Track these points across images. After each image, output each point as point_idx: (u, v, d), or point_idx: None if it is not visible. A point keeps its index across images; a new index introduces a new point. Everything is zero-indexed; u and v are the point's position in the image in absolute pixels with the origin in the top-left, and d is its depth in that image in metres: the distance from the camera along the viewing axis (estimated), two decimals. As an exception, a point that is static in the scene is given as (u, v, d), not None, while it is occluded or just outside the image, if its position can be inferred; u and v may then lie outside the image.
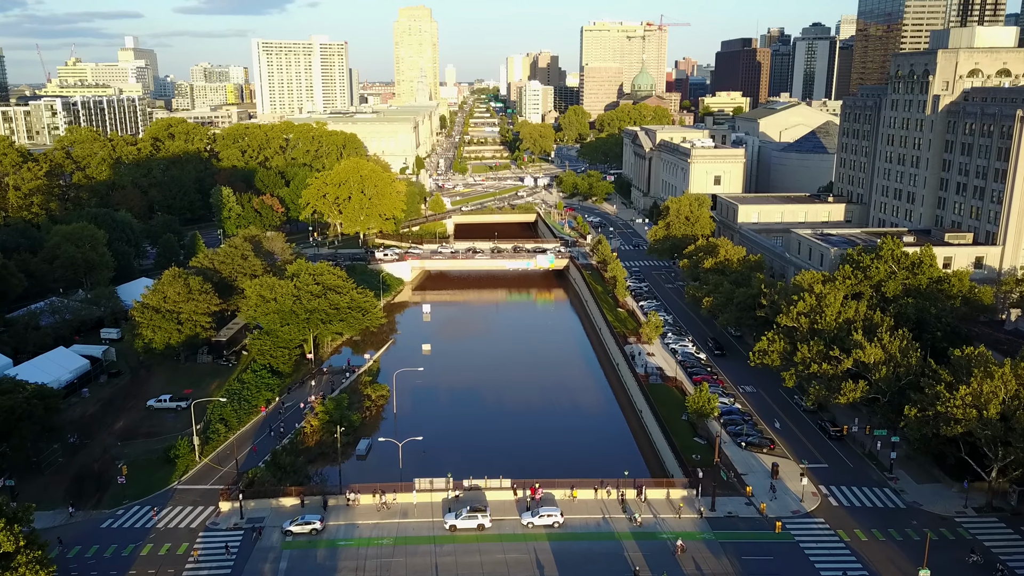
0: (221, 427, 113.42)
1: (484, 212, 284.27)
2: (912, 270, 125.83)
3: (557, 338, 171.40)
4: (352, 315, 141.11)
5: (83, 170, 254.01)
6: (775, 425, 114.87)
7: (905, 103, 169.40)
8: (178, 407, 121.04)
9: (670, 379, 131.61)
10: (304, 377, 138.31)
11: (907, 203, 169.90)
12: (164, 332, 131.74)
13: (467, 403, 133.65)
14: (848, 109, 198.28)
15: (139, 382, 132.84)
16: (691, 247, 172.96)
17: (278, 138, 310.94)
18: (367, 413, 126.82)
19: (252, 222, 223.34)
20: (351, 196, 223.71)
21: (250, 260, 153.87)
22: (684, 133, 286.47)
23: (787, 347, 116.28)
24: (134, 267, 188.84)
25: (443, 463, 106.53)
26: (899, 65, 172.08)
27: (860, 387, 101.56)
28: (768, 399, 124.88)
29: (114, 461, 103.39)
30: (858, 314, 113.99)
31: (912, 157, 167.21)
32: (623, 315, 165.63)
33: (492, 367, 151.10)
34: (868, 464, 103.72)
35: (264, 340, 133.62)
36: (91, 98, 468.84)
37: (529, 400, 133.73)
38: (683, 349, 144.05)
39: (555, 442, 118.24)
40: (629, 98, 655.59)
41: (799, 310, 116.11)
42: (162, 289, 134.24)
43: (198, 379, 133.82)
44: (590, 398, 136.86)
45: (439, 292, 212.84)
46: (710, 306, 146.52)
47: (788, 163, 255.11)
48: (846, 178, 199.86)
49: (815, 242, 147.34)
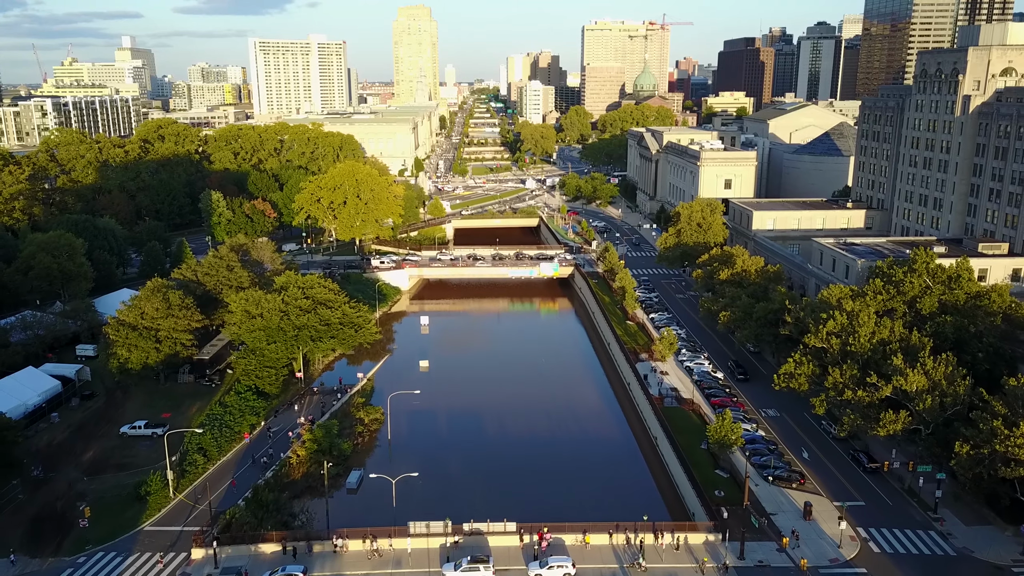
0: (199, 458, 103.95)
1: (485, 216, 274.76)
2: (948, 284, 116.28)
3: (563, 354, 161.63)
4: (344, 331, 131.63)
5: (68, 173, 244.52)
6: (803, 455, 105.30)
7: (931, 104, 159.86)
8: (154, 434, 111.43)
9: (686, 401, 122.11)
10: (292, 398, 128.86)
11: (934, 210, 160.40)
12: (141, 351, 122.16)
13: (467, 430, 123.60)
14: (867, 110, 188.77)
15: (114, 405, 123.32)
16: (705, 256, 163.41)
17: (273, 140, 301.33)
18: (359, 440, 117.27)
19: (243, 228, 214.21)
20: (346, 201, 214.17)
21: (236, 271, 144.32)
22: (692, 135, 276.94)
23: (816, 370, 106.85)
24: (116, 277, 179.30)
25: (441, 500, 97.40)
26: (925, 63, 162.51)
27: (901, 418, 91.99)
28: (793, 424, 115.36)
29: (79, 498, 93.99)
30: (893, 334, 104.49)
31: (939, 161, 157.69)
32: (633, 328, 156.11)
33: (494, 387, 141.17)
34: (909, 502, 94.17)
35: (249, 359, 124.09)
36: (82, 98, 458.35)
37: (534, 426, 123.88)
38: (699, 368, 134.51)
39: (564, 475, 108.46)
40: (631, 98, 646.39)
41: (829, 330, 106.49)
42: (139, 305, 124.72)
43: (178, 401, 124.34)
44: (601, 423, 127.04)
45: (438, 301, 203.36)
46: (727, 321, 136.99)
47: (801, 166, 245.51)
48: (865, 183, 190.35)
49: (839, 252, 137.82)
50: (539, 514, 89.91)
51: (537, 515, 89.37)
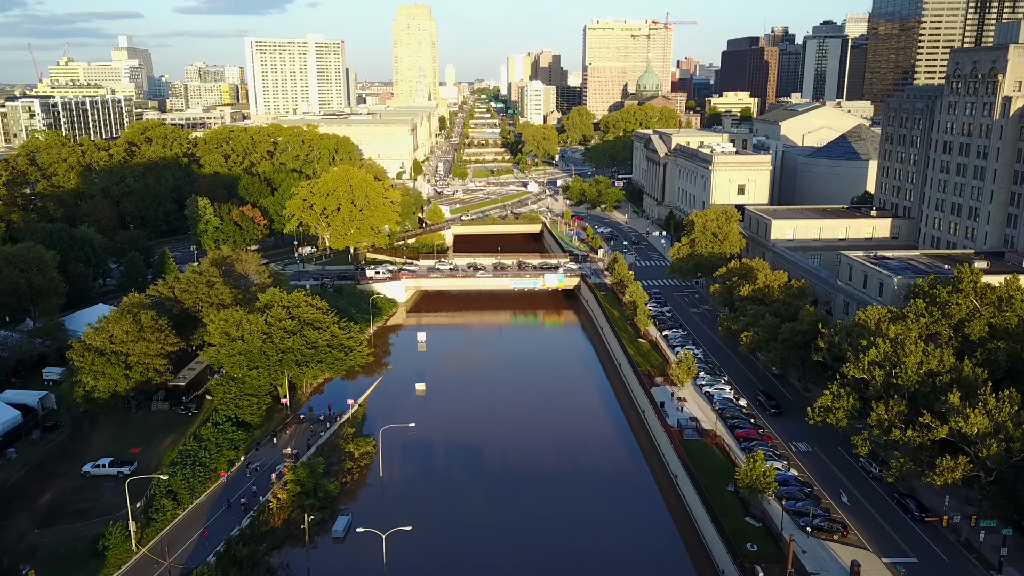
0: (167, 503, 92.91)
1: (486, 222, 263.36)
2: (999, 306, 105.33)
3: (570, 375, 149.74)
4: (333, 355, 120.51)
5: (49, 178, 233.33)
6: (842, 499, 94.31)
7: (966, 106, 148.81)
8: (119, 473, 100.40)
9: (708, 433, 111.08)
10: (277, 428, 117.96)
11: (968, 220, 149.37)
12: (109, 378, 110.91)
13: (466, 468, 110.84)
14: (892, 112, 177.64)
15: (80, 437, 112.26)
16: (722, 270, 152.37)
17: (265, 142, 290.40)
18: (347, 478, 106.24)
19: (231, 236, 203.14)
20: (340, 207, 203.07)
21: (217, 288, 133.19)
22: (701, 137, 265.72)
23: (856, 404, 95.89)
24: (93, 290, 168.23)
25: (437, 558, 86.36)
26: (959, 62, 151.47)
27: (961, 464, 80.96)
28: (827, 461, 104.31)
29: (30, 553, 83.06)
30: (943, 364, 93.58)
31: (975, 167, 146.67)
32: (645, 347, 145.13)
33: (496, 417, 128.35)
34: (967, 558, 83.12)
35: (228, 387, 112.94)
36: (71, 99, 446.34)
37: (541, 464, 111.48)
38: (720, 394, 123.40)
39: (575, 523, 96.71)
40: (634, 98, 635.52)
41: (871, 359, 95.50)
42: (107, 327, 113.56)
43: (151, 433, 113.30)
44: (615, 458, 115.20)
45: (436, 314, 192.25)
46: (750, 343, 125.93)
47: (816, 170, 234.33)
48: (889, 189, 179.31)
49: (872, 268, 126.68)
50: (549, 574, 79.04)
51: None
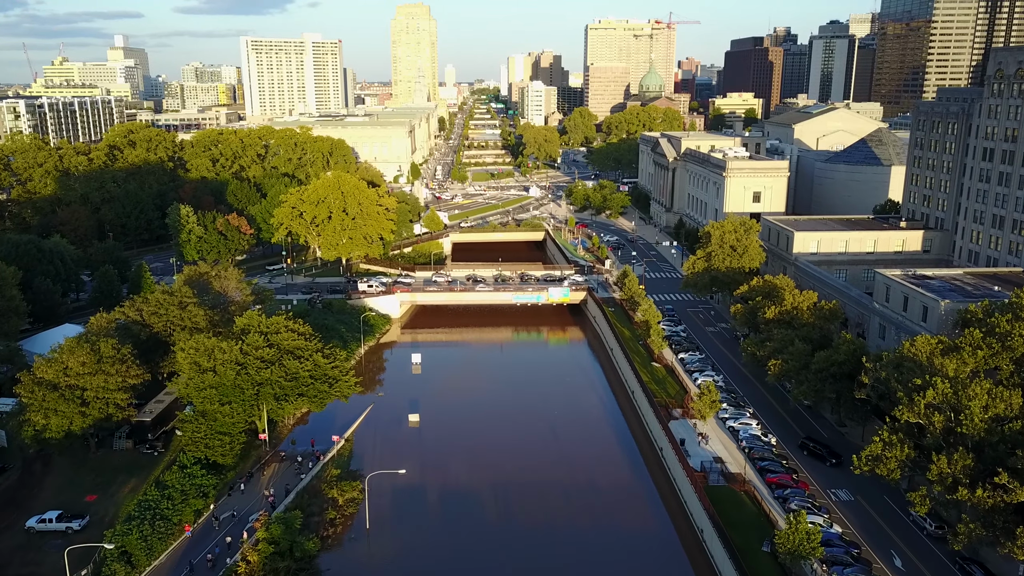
0: (120, 568, 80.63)
1: (486, 229, 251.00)
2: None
3: (579, 405, 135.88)
4: (315, 387, 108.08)
5: (24, 184, 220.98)
6: (895, 562, 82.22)
7: (1011, 109, 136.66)
8: (68, 529, 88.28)
9: (735, 478, 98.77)
10: (253, 468, 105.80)
11: (1012, 233, 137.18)
12: (62, 416, 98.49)
13: (464, 521, 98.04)
14: (922, 115, 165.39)
15: (30, 482, 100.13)
16: (743, 288, 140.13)
17: (256, 145, 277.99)
18: (330, 531, 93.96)
19: (215, 246, 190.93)
20: (331, 216, 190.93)
21: (190, 310, 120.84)
22: (712, 141, 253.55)
23: (911, 453, 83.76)
24: (63, 308, 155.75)
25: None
26: (1001, 62, 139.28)
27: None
28: (874, 513, 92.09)
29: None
30: (1011, 408, 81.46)
31: (1020, 177, 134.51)
32: (661, 373, 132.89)
33: (497, 455, 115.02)
34: (1049, 641, 71.16)
35: (198, 424, 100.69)
36: (59, 100, 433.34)
37: (551, 518, 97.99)
38: (746, 429, 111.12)
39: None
40: (636, 99, 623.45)
41: (928, 401, 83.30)
42: (61, 358, 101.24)
43: (110, 476, 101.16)
44: (631, 507, 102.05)
45: (433, 331, 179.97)
46: (779, 372, 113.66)
47: (835, 177, 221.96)
48: (919, 198, 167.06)
49: (913, 290, 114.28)
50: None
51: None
